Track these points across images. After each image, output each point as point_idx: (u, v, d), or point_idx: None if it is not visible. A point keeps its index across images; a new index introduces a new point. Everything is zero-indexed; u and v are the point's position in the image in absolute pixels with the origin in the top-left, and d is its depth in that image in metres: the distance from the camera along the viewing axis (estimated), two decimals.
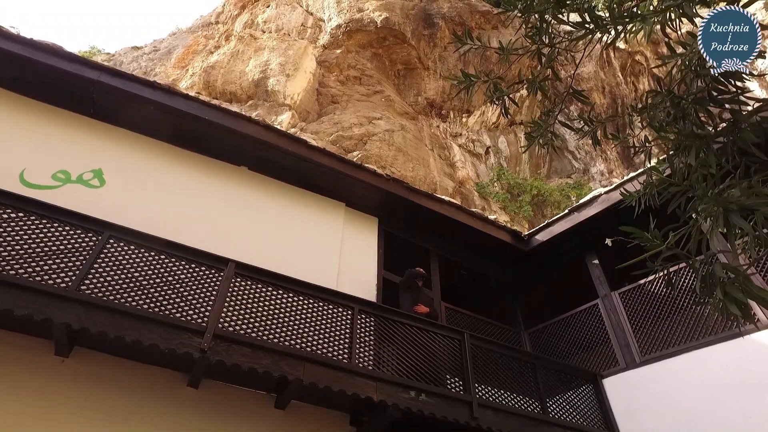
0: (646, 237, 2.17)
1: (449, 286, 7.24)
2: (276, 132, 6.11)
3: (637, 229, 2.20)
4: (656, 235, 2.14)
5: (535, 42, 2.63)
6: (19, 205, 3.77)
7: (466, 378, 4.80)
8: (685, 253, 2.10)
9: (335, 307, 4.59)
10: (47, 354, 3.76)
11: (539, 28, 2.57)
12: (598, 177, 18.17)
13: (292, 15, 20.06)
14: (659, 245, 2.12)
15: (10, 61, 5.05)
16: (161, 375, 4.08)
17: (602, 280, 6.63)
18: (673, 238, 2.13)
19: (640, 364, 5.64)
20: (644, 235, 2.18)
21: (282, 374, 3.87)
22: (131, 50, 22.09)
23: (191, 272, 4.09)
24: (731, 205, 1.83)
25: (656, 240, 2.14)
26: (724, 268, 1.94)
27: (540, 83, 2.72)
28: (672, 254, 2.12)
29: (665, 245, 2.11)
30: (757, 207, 1.78)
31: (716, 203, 1.86)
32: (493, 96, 2.77)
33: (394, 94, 17.99)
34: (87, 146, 5.31)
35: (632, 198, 2.62)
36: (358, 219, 6.74)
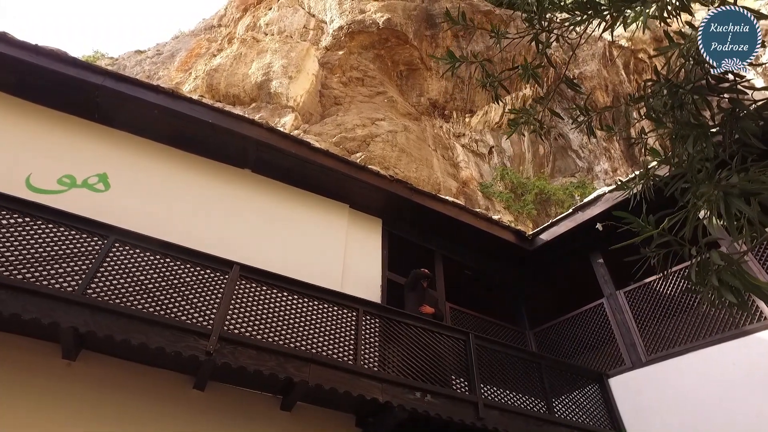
0: (638, 222, 2.16)
1: (454, 287, 7.23)
2: (279, 134, 6.13)
3: (629, 214, 2.19)
4: (650, 221, 2.13)
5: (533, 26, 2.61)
6: (26, 210, 3.80)
7: (472, 378, 4.80)
8: (679, 239, 2.09)
9: (340, 309, 4.60)
10: (55, 357, 3.78)
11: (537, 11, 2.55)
12: (602, 176, 18.11)
13: (294, 17, 20.11)
14: (651, 230, 2.11)
15: (15, 67, 5.10)
16: (168, 377, 4.10)
17: (607, 279, 6.61)
18: (667, 223, 2.11)
19: (646, 363, 5.62)
20: (635, 220, 2.17)
21: (287, 376, 3.88)
22: (134, 54, 22.20)
23: (196, 275, 4.11)
24: (732, 189, 1.81)
25: (648, 225, 2.13)
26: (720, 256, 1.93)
27: (533, 70, 2.70)
28: (665, 240, 2.11)
29: (659, 230, 2.10)
30: (760, 191, 1.76)
31: (717, 188, 1.85)
32: (486, 82, 2.75)
33: (397, 95, 18.00)
34: (92, 151, 5.34)
35: (629, 188, 2.61)
36: (362, 220, 6.75)
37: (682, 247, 2.04)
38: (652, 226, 2.08)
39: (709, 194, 1.84)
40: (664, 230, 2.06)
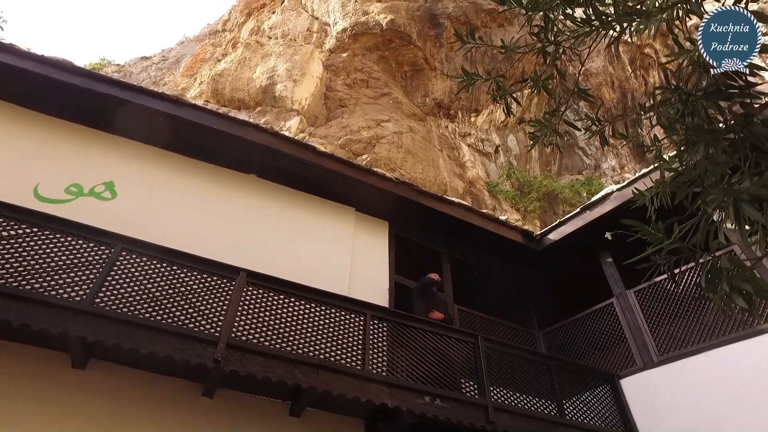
0: (648, 230, 2.12)
1: (462, 288, 7.19)
2: (284, 139, 6.13)
3: (639, 223, 2.16)
4: (660, 229, 2.09)
5: (540, 40, 2.60)
6: (34, 220, 3.83)
7: (481, 381, 4.77)
8: (690, 246, 2.05)
9: (348, 314, 4.59)
10: (64, 366, 3.80)
11: (544, 26, 2.54)
12: (609, 172, 17.98)
13: (298, 20, 20.16)
14: (662, 239, 2.07)
15: (23, 78, 5.13)
16: (177, 385, 4.10)
17: (616, 278, 6.54)
18: (678, 232, 2.08)
19: (658, 364, 5.55)
20: (646, 228, 2.14)
21: (296, 382, 3.87)
22: (140, 60, 22.38)
23: (203, 282, 4.11)
24: (743, 195, 1.78)
25: (659, 234, 2.10)
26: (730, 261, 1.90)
27: (544, 82, 2.68)
28: (676, 248, 2.07)
29: (672, 239, 2.06)
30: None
31: (727, 194, 1.81)
32: (497, 95, 2.74)
33: (402, 95, 17.98)
34: (98, 159, 5.37)
35: (644, 198, 2.56)
36: (369, 223, 6.73)
37: (693, 254, 2.01)
38: (662, 233, 2.05)
39: (720, 200, 1.80)
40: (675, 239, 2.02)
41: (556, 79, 2.68)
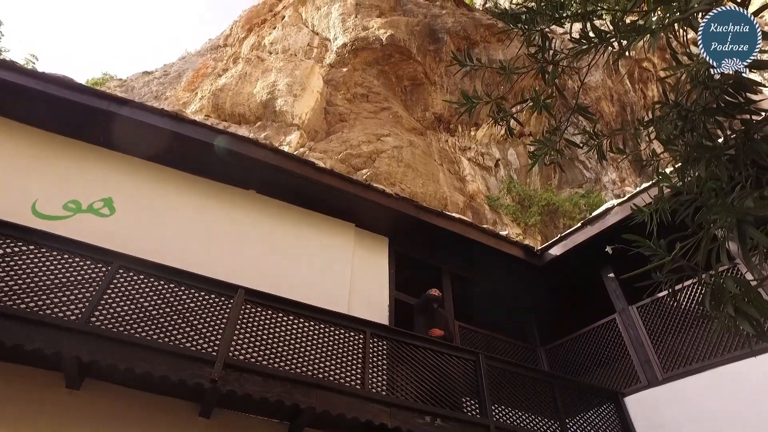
0: (649, 245, 2.09)
1: (463, 304, 7.12)
2: (284, 155, 6.12)
3: (640, 238, 2.12)
4: (660, 245, 2.06)
5: (537, 60, 2.60)
6: (30, 237, 3.79)
7: (482, 400, 4.68)
8: (692, 265, 2.02)
9: (347, 332, 4.52)
10: (58, 387, 3.73)
11: (542, 46, 2.53)
12: (610, 186, 17.97)
13: (299, 36, 20.35)
14: (663, 255, 2.04)
15: (23, 95, 5.14)
16: (173, 405, 4.02)
17: (619, 294, 6.47)
18: (680, 250, 2.04)
19: (662, 381, 5.46)
20: (647, 243, 2.10)
21: (294, 402, 3.80)
22: (142, 75, 22.55)
23: (200, 300, 4.06)
24: (746, 216, 1.75)
25: (660, 249, 2.06)
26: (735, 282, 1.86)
27: (544, 102, 2.67)
28: (678, 266, 2.04)
29: (672, 256, 2.03)
30: None
31: (730, 213, 1.78)
32: (497, 117, 2.73)
33: (402, 110, 18.06)
34: (97, 175, 5.35)
35: (643, 214, 2.53)
36: (369, 239, 6.69)
37: (695, 272, 1.97)
38: (664, 250, 2.01)
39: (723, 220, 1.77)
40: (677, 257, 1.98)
41: (555, 97, 2.66)
